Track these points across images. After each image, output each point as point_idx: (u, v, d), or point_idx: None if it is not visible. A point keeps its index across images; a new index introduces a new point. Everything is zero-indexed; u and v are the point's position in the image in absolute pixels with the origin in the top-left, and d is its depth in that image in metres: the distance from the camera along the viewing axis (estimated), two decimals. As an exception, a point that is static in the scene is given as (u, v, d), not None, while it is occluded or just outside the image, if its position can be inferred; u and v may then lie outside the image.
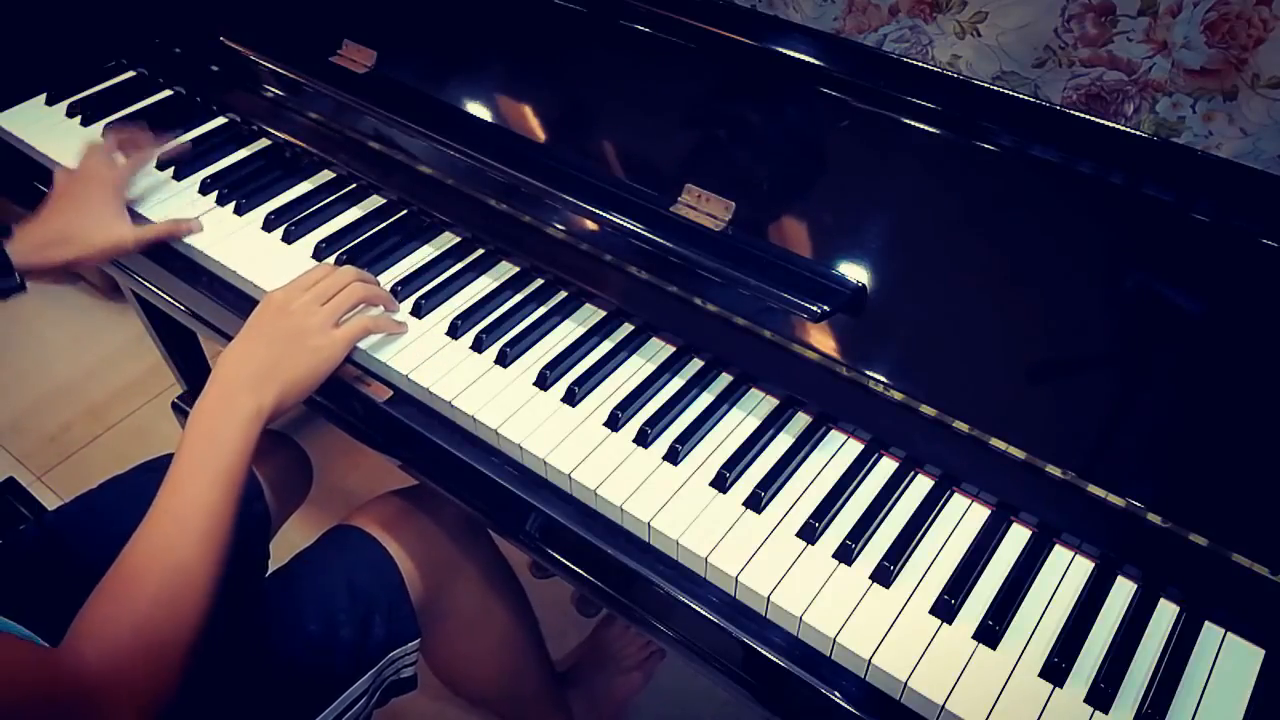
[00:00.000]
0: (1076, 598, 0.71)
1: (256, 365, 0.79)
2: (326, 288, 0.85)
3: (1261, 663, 0.67)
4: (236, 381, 0.77)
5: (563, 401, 0.83)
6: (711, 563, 0.72)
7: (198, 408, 0.76)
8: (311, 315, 0.83)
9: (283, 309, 0.83)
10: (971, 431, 0.75)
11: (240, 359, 0.79)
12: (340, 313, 0.85)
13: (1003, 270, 0.77)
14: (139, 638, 0.64)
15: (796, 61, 0.83)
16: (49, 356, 1.91)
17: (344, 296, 0.85)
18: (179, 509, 0.70)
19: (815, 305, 0.77)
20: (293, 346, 0.81)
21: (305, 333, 0.82)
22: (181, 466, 0.72)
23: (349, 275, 0.87)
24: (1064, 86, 0.90)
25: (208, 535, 0.70)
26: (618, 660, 1.32)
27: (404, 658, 0.91)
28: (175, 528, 0.69)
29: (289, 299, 0.84)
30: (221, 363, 0.79)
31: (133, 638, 0.64)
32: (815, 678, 0.69)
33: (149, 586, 0.66)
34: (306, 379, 0.81)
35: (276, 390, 0.78)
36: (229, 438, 0.74)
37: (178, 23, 1.21)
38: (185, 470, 0.72)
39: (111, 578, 0.66)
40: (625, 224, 0.86)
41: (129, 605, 0.65)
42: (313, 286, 0.85)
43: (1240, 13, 0.78)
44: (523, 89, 0.99)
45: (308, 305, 0.84)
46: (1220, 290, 0.70)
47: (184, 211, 1.03)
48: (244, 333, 0.82)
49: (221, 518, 0.71)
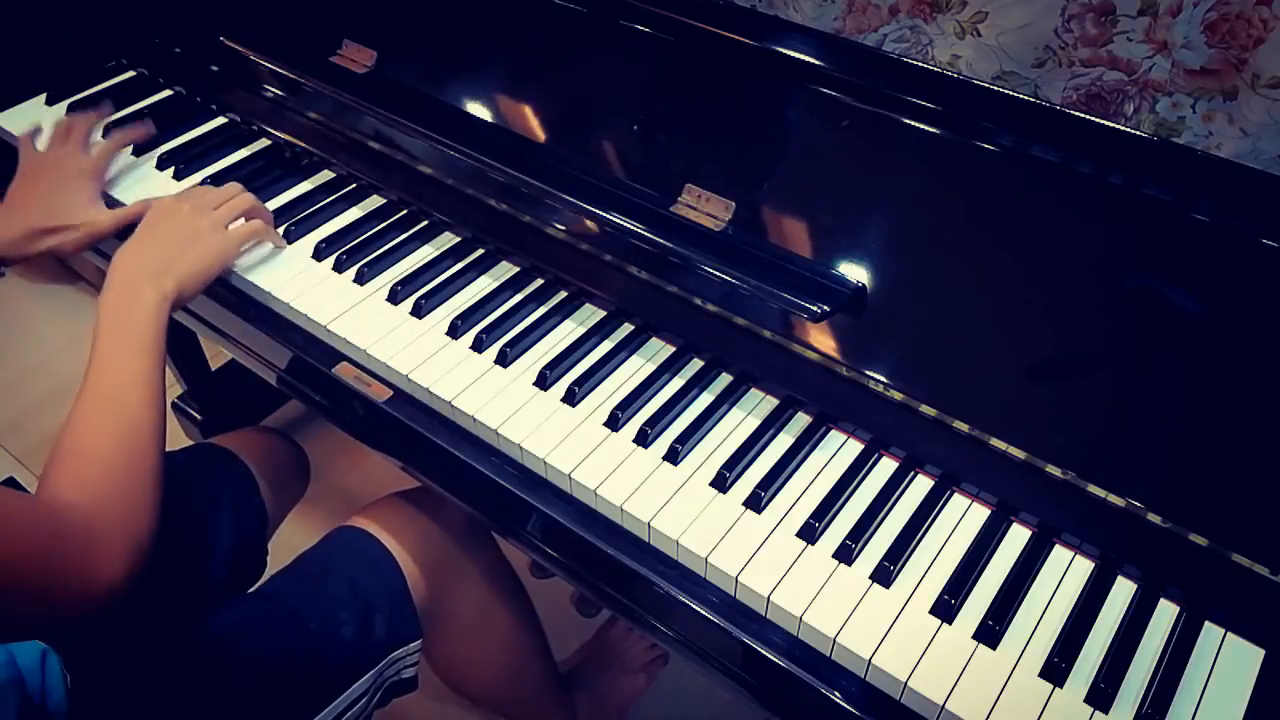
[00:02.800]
0: (1076, 598, 0.71)
1: (153, 260, 0.84)
2: (216, 196, 0.93)
3: (1261, 663, 0.67)
4: (136, 276, 0.82)
5: (563, 401, 0.83)
6: (711, 563, 0.72)
7: (101, 301, 0.80)
8: (202, 216, 0.90)
9: (174, 210, 0.89)
10: (971, 431, 0.75)
11: (136, 256, 0.85)
12: (230, 217, 0.92)
13: (1003, 270, 0.77)
14: (111, 476, 0.69)
15: (796, 61, 0.83)
16: (49, 356, 1.91)
17: (235, 203, 0.93)
18: (112, 378, 0.75)
19: (815, 305, 0.77)
20: (187, 243, 0.87)
21: (198, 231, 0.88)
22: (101, 350, 0.77)
23: (236, 188, 0.95)
24: (1064, 86, 0.90)
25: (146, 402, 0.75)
26: (621, 661, 1.32)
27: (405, 658, 0.91)
28: (114, 391, 0.74)
29: (179, 203, 0.90)
30: (117, 261, 0.84)
31: (105, 476, 0.69)
32: (815, 678, 0.69)
33: (106, 435, 0.71)
34: (201, 273, 0.87)
35: (175, 282, 0.83)
36: (140, 320, 0.79)
37: (178, 23, 1.21)
38: (106, 351, 0.77)
39: (65, 438, 0.71)
40: (625, 224, 0.86)
41: (92, 450, 0.70)
42: (202, 195, 0.92)
43: (1240, 13, 0.78)
44: (523, 89, 0.99)
45: (198, 208, 0.90)
46: (1220, 290, 0.69)
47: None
48: (136, 235, 0.87)
49: (150, 389, 0.76)
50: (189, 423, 1.70)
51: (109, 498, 0.68)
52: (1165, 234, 0.71)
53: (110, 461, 0.70)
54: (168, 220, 0.88)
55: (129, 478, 0.70)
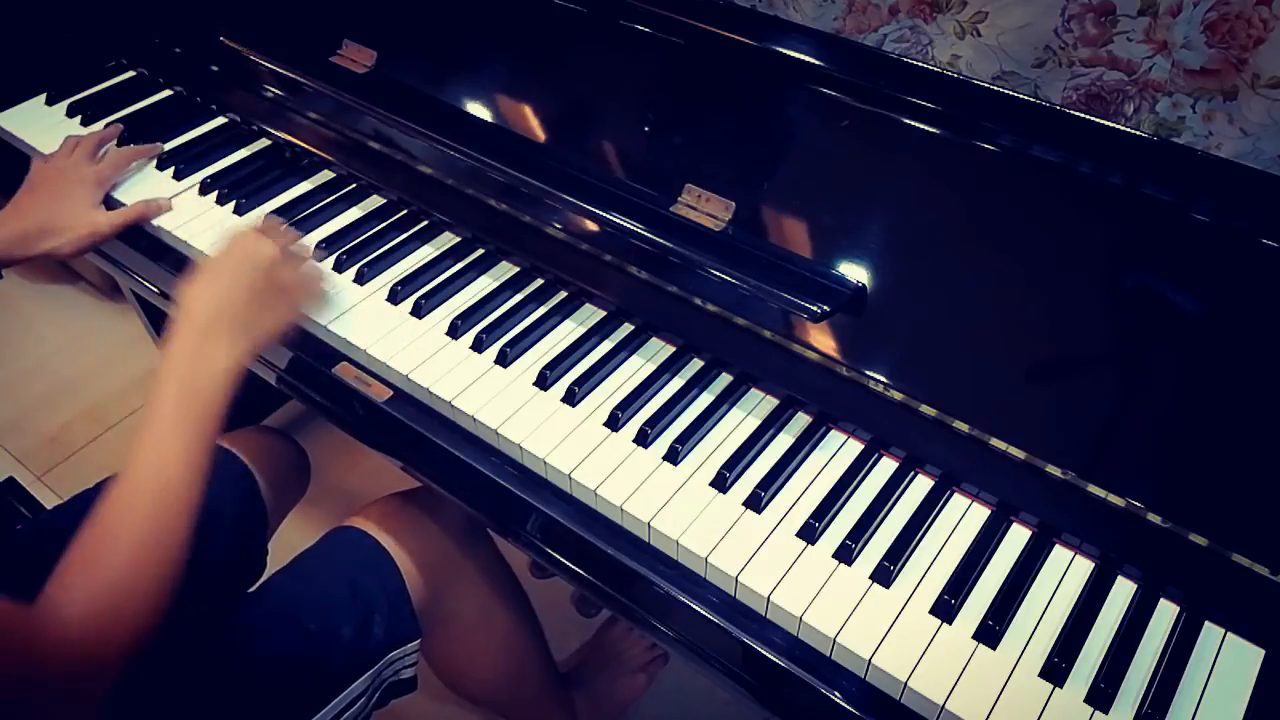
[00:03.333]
0: (1076, 598, 0.71)
1: (232, 314, 0.76)
2: (292, 239, 0.85)
3: (1261, 663, 0.67)
4: (210, 329, 0.74)
5: (563, 401, 0.83)
6: (711, 563, 0.72)
7: (170, 353, 0.73)
8: (288, 267, 0.82)
9: (257, 251, 0.80)
10: (971, 431, 0.75)
11: (214, 300, 0.76)
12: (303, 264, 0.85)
13: (1003, 270, 0.77)
14: (115, 593, 0.63)
15: (796, 61, 0.83)
16: (49, 356, 1.91)
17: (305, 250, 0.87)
18: (156, 462, 0.68)
19: (815, 305, 0.77)
20: (271, 296, 0.79)
21: (282, 283, 0.80)
22: (157, 417, 0.70)
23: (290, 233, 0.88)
24: (1064, 86, 0.90)
25: (184, 492, 0.68)
26: (621, 661, 1.32)
27: (404, 659, 0.91)
28: (152, 482, 0.68)
29: (260, 244, 0.81)
30: (189, 303, 0.75)
31: (109, 593, 0.63)
32: (815, 678, 0.69)
33: (125, 541, 0.65)
34: (276, 331, 0.79)
35: (251, 344, 0.76)
36: (204, 388, 0.72)
37: (178, 23, 1.21)
38: (160, 421, 0.70)
39: (87, 532, 0.65)
40: (625, 224, 0.86)
41: (105, 560, 0.64)
42: (282, 234, 0.84)
43: (1240, 13, 0.78)
44: (523, 89, 0.99)
45: (276, 256, 0.81)
46: (1220, 290, 0.69)
47: (185, 212, 1.03)
48: (214, 272, 0.78)
49: (197, 471, 0.69)
50: (189, 423, 1.69)
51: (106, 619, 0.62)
52: (1165, 234, 0.71)
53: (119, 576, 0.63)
54: (252, 264, 0.78)
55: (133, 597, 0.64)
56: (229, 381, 0.73)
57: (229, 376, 0.73)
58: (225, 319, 0.75)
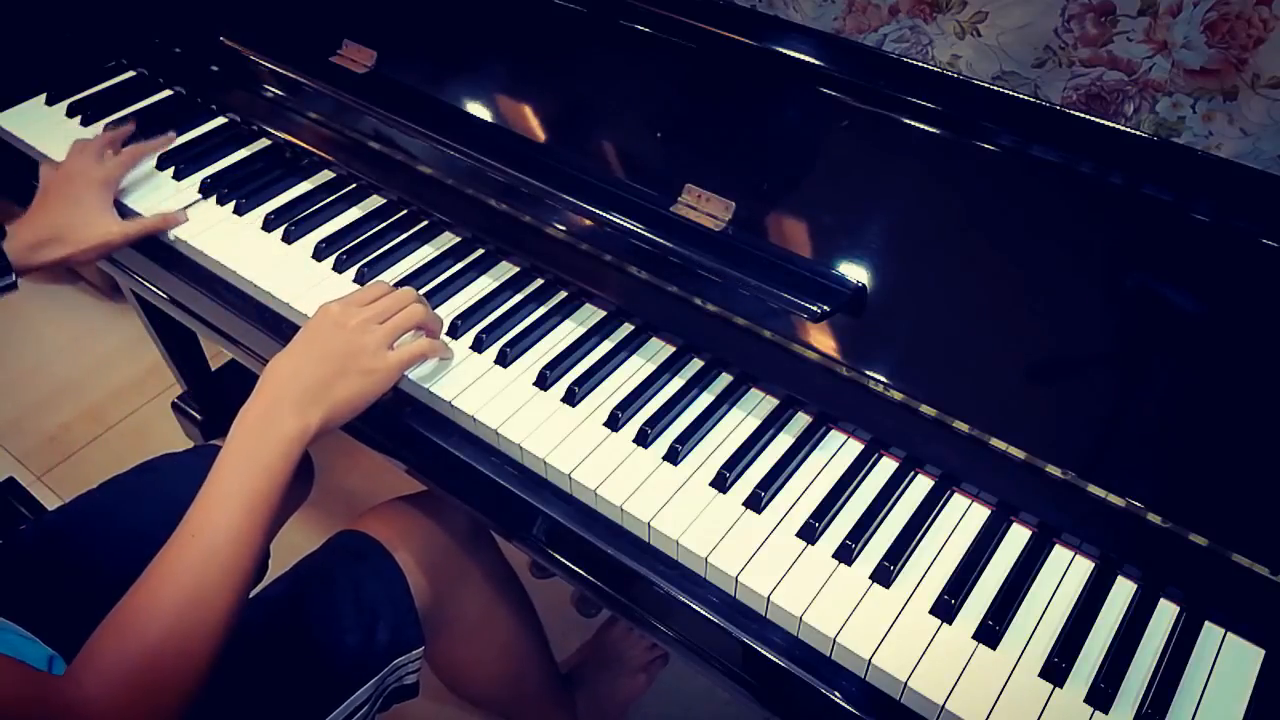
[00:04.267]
0: (1076, 598, 0.71)
1: (306, 382, 0.74)
2: (386, 306, 0.80)
3: (1261, 663, 0.67)
4: (284, 398, 0.73)
5: (563, 401, 0.83)
6: (711, 563, 0.72)
7: (241, 421, 0.72)
8: (368, 334, 0.78)
9: (339, 324, 0.78)
10: (971, 431, 0.75)
11: (291, 373, 0.75)
12: (398, 334, 0.80)
13: (1003, 270, 0.77)
14: (145, 674, 0.61)
15: (796, 61, 0.83)
16: (49, 356, 1.91)
17: (403, 317, 0.80)
18: (207, 534, 0.66)
19: (815, 305, 0.77)
20: (346, 366, 0.76)
21: (360, 352, 0.77)
22: (216, 486, 0.69)
23: (409, 296, 0.83)
24: (1064, 86, 0.90)
25: (232, 566, 0.66)
26: (622, 661, 1.32)
27: (408, 665, 0.90)
28: (199, 555, 0.65)
29: (346, 314, 0.79)
30: (270, 374, 0.75)
31: (139, 673, 0.61)
32: (815, 678, 0.69)
33: (163, 618, 0.62)
34: (355, 401, 0.76)
35: (324, 412, 0.74)
36: (268, 459, 0.70)
37: (178, 23, 1.21)
38: (219, 491, 0.69)
39: (127, 604, 0.63)
40: (625, 224, 0.86)
41: (139, 638, 0.62)
42: (371, 303, 0.80)
43: (1240, 13, 0.78)
44: (523, 89, 0.99)
45: (365, 323, 0.79)
46: (1220, 290, 0.69)
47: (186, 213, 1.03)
48: (296, 344, 0.77)
49: (249, 547, 0.67)
50: (189, 423, 1.70)
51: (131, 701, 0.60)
52: (1165, 234, 0.71)
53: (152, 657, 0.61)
54: (331, 336, 0.77)
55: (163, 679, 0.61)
56: (293, 450, 0.71)
57: (294, 444, 0.71)
58: (298, 387, 0.74)
